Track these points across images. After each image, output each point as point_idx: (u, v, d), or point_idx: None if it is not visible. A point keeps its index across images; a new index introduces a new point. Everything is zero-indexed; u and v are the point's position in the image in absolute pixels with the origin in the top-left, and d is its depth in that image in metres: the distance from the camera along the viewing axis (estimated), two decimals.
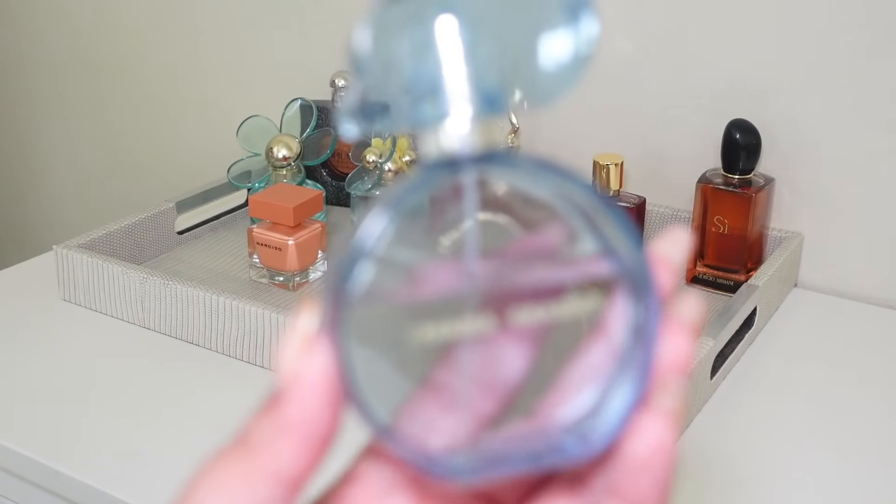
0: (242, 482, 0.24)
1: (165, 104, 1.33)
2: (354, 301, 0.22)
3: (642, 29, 0.95)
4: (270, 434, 0.24)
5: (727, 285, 0.88)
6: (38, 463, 0.67)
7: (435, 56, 0.23)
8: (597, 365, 0.24)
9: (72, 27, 1.39)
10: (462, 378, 0.24)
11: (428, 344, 0.23)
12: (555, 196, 0.23)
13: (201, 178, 1.18)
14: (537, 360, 0.24)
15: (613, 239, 0.23)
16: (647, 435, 0.23)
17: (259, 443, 0.24)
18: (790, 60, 0.88)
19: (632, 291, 0.23)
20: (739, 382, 0.76)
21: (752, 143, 0.86)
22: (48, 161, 1.52)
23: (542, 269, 0.24)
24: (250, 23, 1.21)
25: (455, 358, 0.24)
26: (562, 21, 0.23)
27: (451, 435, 0.24)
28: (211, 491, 0.24)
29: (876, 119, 0.86)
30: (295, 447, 0.24)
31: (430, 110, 0.23)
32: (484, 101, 0.23)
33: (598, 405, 0.23)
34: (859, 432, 0.70)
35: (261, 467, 0.24)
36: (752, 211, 0.86)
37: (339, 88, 1.05)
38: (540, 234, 0.24)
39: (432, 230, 0.23)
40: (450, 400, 0.24)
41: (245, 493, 0.24)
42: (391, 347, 0.23)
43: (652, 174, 0.97)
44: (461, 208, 0.23)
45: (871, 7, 0.83)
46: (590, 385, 0.24)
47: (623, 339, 0.23)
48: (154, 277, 0.81)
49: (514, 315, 0.23)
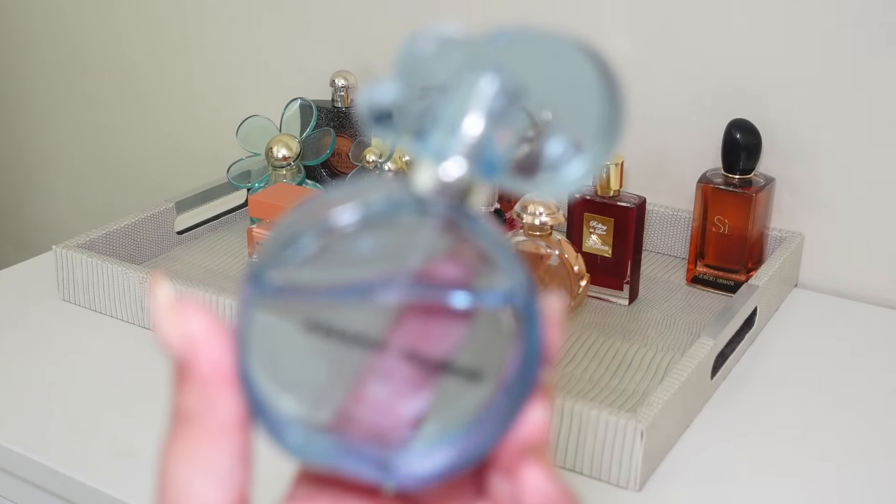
0: (205, 449, 0.25)
1: (165, 104, 1.33)
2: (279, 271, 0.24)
3: (642, 29, 0.95)
4: (199, 399, 0.25)
5: (727, 285, 0.88)
6: (37, 462, 0.67)
7: (464, 102, 0.25)
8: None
9: (70, 26, 1.39)
10: (342, 375, 0.25)
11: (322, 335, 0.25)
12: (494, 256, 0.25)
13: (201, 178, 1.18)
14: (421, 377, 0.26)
15: (519, 298, 0.25)
16: (532, 489, 0.25)
17: (196, 412, 0.25)
18: (790, 60, 0.88)
19: (524, 343, 0.25)
20: (739, 382, 0.76)
21: (752, 143, 0.86)
22: (47, 161, 1.52)
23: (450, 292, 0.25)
24: (251, 23, 1.20)
25: (345, 357, 0.25)
26: (584, 142, 0.25)
27: (308, 413, 0.25)
28: (183, 474, 0.25)
29: (876, 119, 0.86)
30: (226, 395, 0.25)
31: (435, 143, 0.25)
32: (483, 163, 0.25)
33: (432, 440, 0.25)
34: (859, 432, 0.70)
35: (212, 428, 0.25)
36: (753, 211, 0.86)
37: (338, 88, 1.05)
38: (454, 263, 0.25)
39: (378, 244, 0.25)
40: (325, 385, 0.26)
41: (212, 455, 0.25)
42: (290, 334, 0.25)
43: (652, 174, 0.97)
44: (413, 240, 0.25)
45: (872, 7, 0.83)
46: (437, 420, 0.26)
47: (507, 382, 0.25)
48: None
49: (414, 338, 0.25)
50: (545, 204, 0.78)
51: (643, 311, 0.86)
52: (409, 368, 0.26)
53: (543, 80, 0.25)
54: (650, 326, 0.84)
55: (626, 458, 0.63)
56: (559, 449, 0.65)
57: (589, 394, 0.73)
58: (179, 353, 0.25)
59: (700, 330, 0.82)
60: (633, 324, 0.84)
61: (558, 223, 0.79)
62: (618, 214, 0.84)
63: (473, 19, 1.03)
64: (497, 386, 0.25)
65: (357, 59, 1.13)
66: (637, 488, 0.63)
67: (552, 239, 0.80)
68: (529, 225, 0.79)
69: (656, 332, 0.83)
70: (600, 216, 0.84)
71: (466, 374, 0.25)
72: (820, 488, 0.64)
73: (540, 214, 0.78)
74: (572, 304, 0.81)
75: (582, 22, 0.97)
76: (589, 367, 0.77)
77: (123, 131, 1.40)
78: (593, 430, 0.63)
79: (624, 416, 0.62)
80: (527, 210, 0.79)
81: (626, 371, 0.76)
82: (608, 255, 0.85)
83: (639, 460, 0.62)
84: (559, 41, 0.25)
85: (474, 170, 0.25)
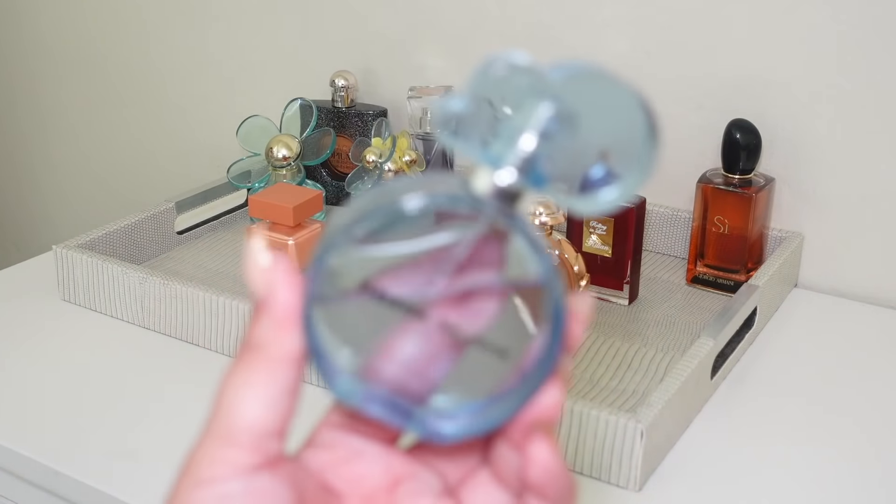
0: (263, 374, 0.28)
1: (165, 104, 1.34)
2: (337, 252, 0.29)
3: (642, 29, 0.95)
4: (268, 331, 0.29)
5: (727, 285, 0.88)
6: (38, 463, 0.67)
7: (523, 122, 0.29)
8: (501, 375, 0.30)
9: (73, 27, 1.39)
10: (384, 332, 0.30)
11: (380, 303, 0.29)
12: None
13: (201, 178, 1.18)
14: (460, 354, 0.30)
15: (551, 300, 0.29)
16: (538, 461, 0.29)
17: (263, 342, 0.29)
18: (790, 60, 0.88)
19: (550, 332, 0.29)
20: (739, 383, 0.76)
21: (752, 143, 0.86)
22: (47, 161, 1.52)
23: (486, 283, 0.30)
24: (251, 23, 1.21)
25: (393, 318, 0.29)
26: (623, 172, 0.29)
27: (355, 364, 0.30)
28: (240, 393, 0.28)
29: (876, 119, 0.86)
30: (292, 332, 0.29)
31: (494, 153, 0.29)
32: (531, 175, 0.29)
33: (473, 407, 0.30)
34: (859, 432, 0.70)
35: (273, 358, 0.28)
36: (753, 211, 0.86)
37: (338, 88, 1.05)
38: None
39: (428, 231, 0.29)
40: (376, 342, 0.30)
41: (267, 381, 0.28)
42: (350, 293, 0.30)
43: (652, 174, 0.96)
44: (463, 234, 0.29)
45: (871, 7, 0.84)
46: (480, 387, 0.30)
47: (530, 363, 0.29)
48: (154, 277, 0.81)
49: (454, 318, 0.30)
50: (545, 204, 0.78)
51: (643, 311, 0.86)
52: (444, 337, 0.30)
53: (596, 114, 0.29)
54: (650, 326, 0.84)
55: (626, 458, 0.63)
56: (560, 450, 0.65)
57: (589, 394, 0.73)
58: (261, 290, 0.29)
59: (700, 330, 0.82)
60: (633, 324, 0.84)
61: (558, 223, 0.79)
62: (618, 214, 0.84)
63: (475, 20, 1.03)
64: (520, 366, 0.29)
65: (357, 59, 1.13)
66: (637, 488, 0.63)
67: (552, 239, 0.80)
68: None
69: (656, 332, 0.83)
70: (600, 216, 0.84)
71: (495, 351, 0.30)
72: (820, 488, 0.65)
73: (540, 214, 0.78)
74: None
75: (583, 22, 0.97)
76: (589, 367, 0.77)
77: (123, 131, 1.40)
78: (593, 430, 0.63)
79: (624, 416, 0.62)
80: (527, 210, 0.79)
81: (626, 371, 0.76)
82: (608, 255, 0.85)
83: (639, 460, 0.62)
84: (615, 82, 0.28)
85: (523, 180, 0.29)
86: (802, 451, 0.68)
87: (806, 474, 0.66)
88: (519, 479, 0.30)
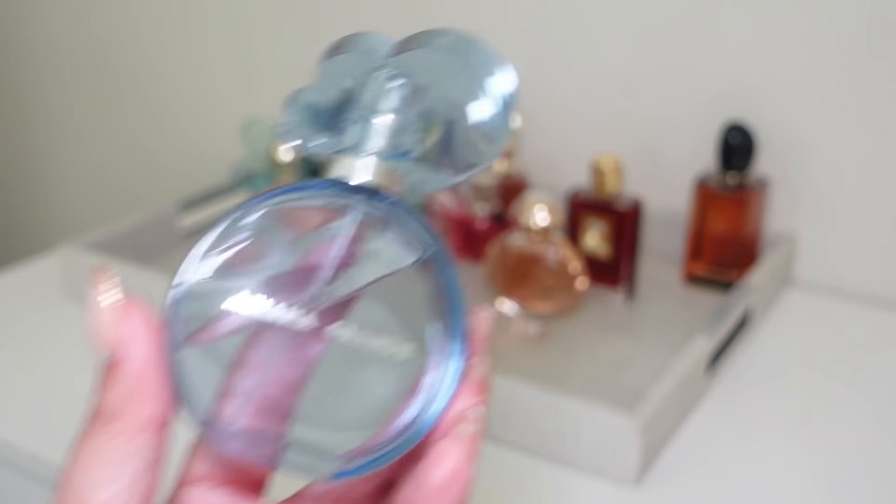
0: (119, 452, 0.24)
1: (169, 104, 1.34)
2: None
3: (638, 30, 0.96)
4: (121, 395, 0.24)
5: (723, 284, 0.89)
6: (43, 461, 0.68)
7: (373, 102, 0.28)
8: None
9: (78, 27, 1.39)
10: (260, 367, 0.26)
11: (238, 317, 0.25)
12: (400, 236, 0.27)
13: (206, 178, 1.19)
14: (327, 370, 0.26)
15: (439, 288, 0.26)
16: (446, 463, 0.24)
17: (117, 409, 0.24)
18: (786, 62, 0.89)
19: (447, 339, 0.26)
20: (734, 381, 0.77)
21: (747, 145, 0.87)
22: (53, 161, 1.53)
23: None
24: (252, 23, 1.21)
25: (260, 343, 0.26)
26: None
27: (234, 410, 0.25)
28: (87, 467, 0.24)
29: (871, 120, 0.87)
30: (151, 394, 0.24)
31: (351, 138, 0.28)
32: (391, 154, 0.28)
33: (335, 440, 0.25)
34: (854, 431, 0.71)
35: (131, 427, 0.24)
36: (748, 211, 0.87)
37: None
38: None
39: (297, 230, 0.27)
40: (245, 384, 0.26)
41: (125, 459, 0.24)
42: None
43: (648, 175, 0.98)
44: (333, 225, 0.26)
45: (867, 8, 0.84)
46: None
47: (427, 379, 0.25)
48: (162, 278, 0.82)
49: (326, 326, 0.26)
50: (545, 204, 0.79)
51: (640, 310, 0.87)
52: (321, 354, 0.26)
53: (445, 82, 0.27)
54: (647, 325, 0.85)
55: (623, 454, 0.64)
56: (559, 446, 0.66)
57: (587, 391, 0.74)
58: (111, 347, 0.25)
59: (696, 328, 0.83)
60: (630, 322, 0.85)
61: (557, 223, 0.80)
62: (615, 215, 0.85)
63: (469, 18, 1.04)
64: (414, 384, 0.25)
65: None
66: (634, 483, 0.65)
67: (551, 239, 0.81)
68: (528, 225, 0.80)
69: (653, 331, 0.84)
70: (598, 217, 0.86)
71: (383, 364, 0.26)
72: (815, 485, 0.65)
73: (539, 214, 0.79)
74: (571, 303, 0.82)
75: (577, 23, 0.98)
76: (586, 365, 0.78)
77: (130, 131, 1.41)
78: (591, 427, 0.64)
79: (621, 413, 0.63)
80: (526, 210, 0.80)
81: (623, 369, 0.78)
82: (606, 254, 0.86)
83: (636, 456, 0.64)
84: (460, 48, 0.27)
85: (384, 158, 0.27)
86: (797, 446, 0.69)
87: (800, 470, 0.67)
88: (415, 485, 0.25)
